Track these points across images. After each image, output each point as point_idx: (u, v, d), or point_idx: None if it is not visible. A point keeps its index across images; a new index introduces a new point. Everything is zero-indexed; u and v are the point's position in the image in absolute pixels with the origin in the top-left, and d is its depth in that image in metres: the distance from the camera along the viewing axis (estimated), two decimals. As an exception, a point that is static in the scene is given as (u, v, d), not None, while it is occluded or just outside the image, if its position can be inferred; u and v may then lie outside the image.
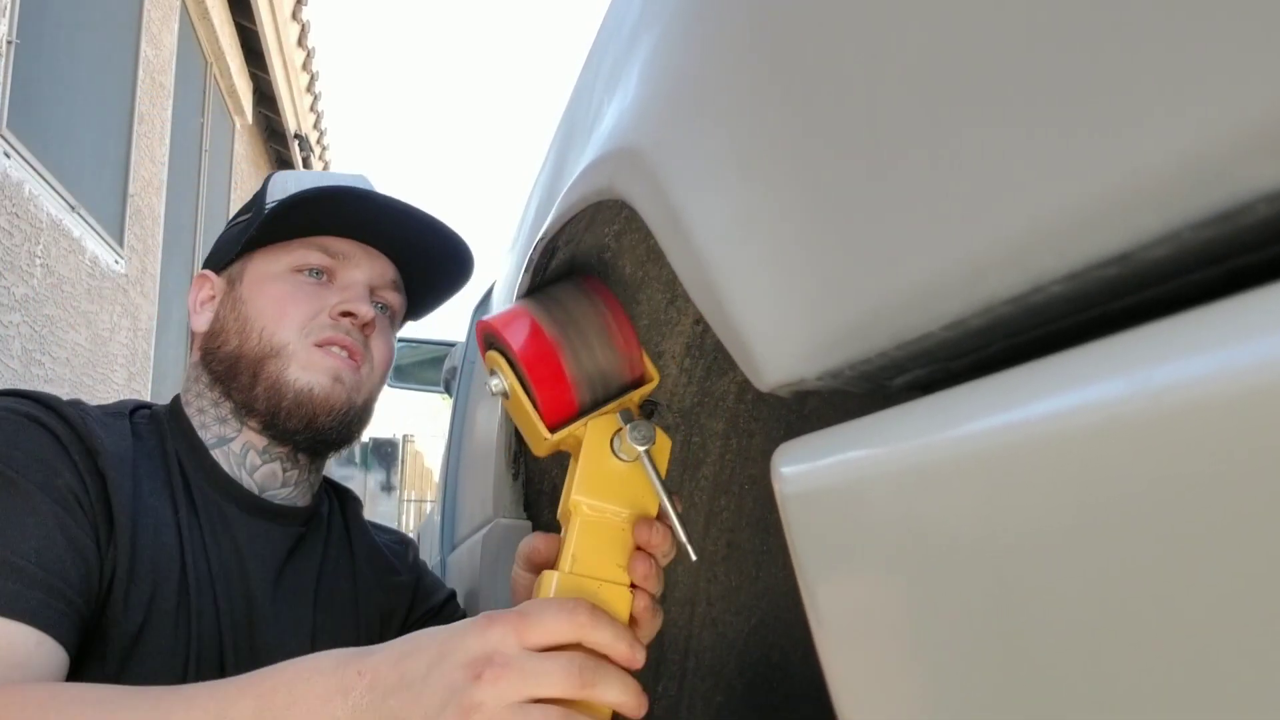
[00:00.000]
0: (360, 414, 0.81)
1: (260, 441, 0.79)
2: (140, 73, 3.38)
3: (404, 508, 10.52)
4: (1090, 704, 0.20)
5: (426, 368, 2.81)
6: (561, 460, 1.04)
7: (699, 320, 0.65)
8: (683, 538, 0.54)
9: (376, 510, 10.05)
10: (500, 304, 0.82)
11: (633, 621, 0.54)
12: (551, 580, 0.54)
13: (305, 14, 5.54)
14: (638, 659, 0.49)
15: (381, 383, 0.85)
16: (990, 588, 0.22)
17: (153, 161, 3.60)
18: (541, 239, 0.58)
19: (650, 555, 0.55)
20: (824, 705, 0.31)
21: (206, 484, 0.76)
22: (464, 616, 0.89)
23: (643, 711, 0.49)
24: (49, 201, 2.59)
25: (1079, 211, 0.19)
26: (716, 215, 0.35)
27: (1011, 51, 0.20)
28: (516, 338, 0.58)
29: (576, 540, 0.55)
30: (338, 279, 0.81)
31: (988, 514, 0.22)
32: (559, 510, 0.58)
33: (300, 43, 5.69)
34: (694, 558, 0.55)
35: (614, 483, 0.56)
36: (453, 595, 0.93)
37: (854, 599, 0.29)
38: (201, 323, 0.82)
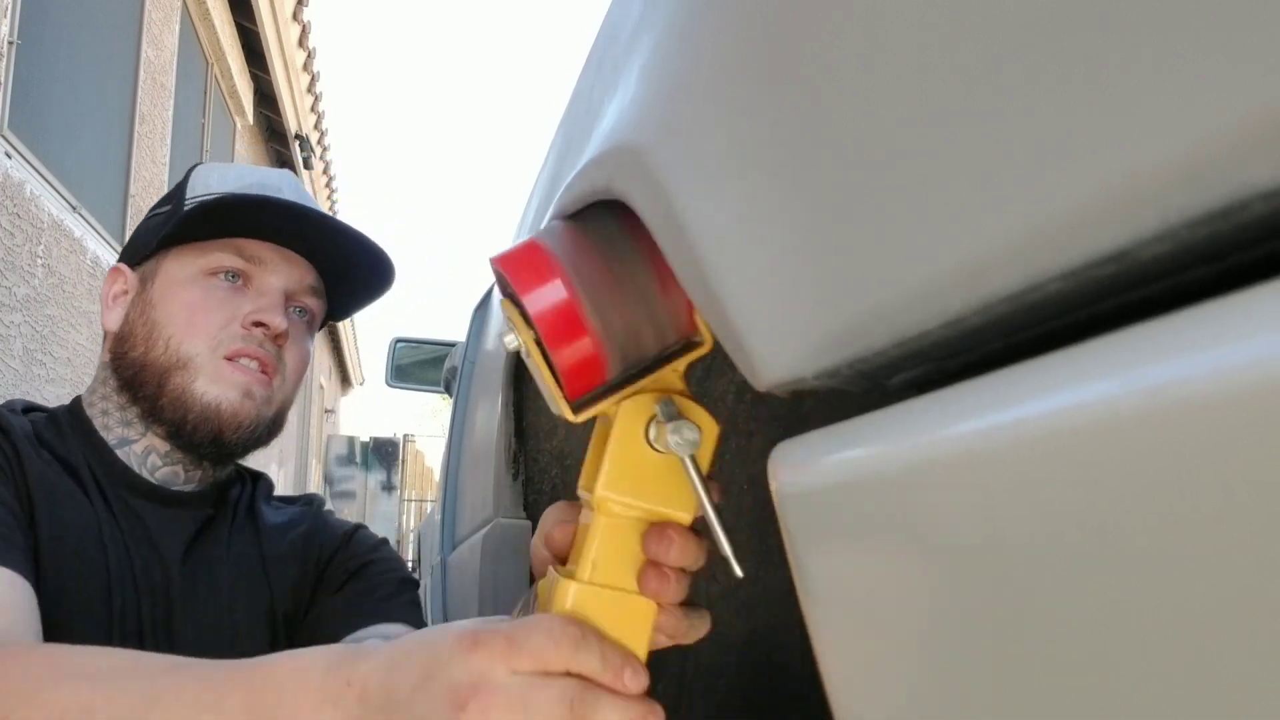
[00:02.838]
0: (270, 426, 0.81)
1: (163, 446, 0.79)
2: (141, 73, 3.38)
3: (404, 507, 10.52)
4: (1088, 703, 0.20)
5: (426, 368, 2.81)
6: (563, 460, 1.04)
7: (698, 320, 0.65)
8: (727, 550, 0.46)
9: (377, 510, 10.05)
10: (498, 307, 0.81)
11: (662, 633, 0.49)
12: (568, 592, 0.48)
13: (306, 15, 5.54)
14: (631, 685, 0.45)
15: (295, 390, 0.84)
16: (987, 586, 0.22)
17: (154, 162, 3.60)
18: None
19: (662, 568, 0.48)
20: (824, 705, 0.31)
21: (108, 477, 0.77)
22: (369, 543, 0.88)
23: None
24: (50, 202, 2.59)
25: (1076, 210, 0.19)
26: (715, 214, 0.35)
27: (1009, 50, 0.20)
28: (528, 285, 0.46)
29: (599, 545, 0.48)
30: (254, 284, 0.79)
31: (985, 512, 0.22)
32: (579, 484, 0.51)
33: (301, 43, 5.70)
34: (739, 574, 0.46)
35: (648, 476, 0.48)
36: (356, 528, 0.90)
37: (851, 598, 0.29)
38: (112, 321, 0.80)
